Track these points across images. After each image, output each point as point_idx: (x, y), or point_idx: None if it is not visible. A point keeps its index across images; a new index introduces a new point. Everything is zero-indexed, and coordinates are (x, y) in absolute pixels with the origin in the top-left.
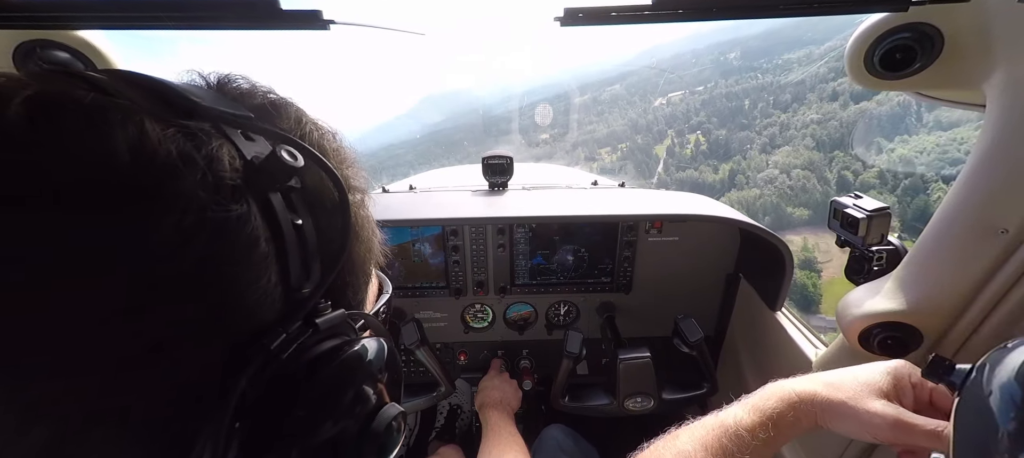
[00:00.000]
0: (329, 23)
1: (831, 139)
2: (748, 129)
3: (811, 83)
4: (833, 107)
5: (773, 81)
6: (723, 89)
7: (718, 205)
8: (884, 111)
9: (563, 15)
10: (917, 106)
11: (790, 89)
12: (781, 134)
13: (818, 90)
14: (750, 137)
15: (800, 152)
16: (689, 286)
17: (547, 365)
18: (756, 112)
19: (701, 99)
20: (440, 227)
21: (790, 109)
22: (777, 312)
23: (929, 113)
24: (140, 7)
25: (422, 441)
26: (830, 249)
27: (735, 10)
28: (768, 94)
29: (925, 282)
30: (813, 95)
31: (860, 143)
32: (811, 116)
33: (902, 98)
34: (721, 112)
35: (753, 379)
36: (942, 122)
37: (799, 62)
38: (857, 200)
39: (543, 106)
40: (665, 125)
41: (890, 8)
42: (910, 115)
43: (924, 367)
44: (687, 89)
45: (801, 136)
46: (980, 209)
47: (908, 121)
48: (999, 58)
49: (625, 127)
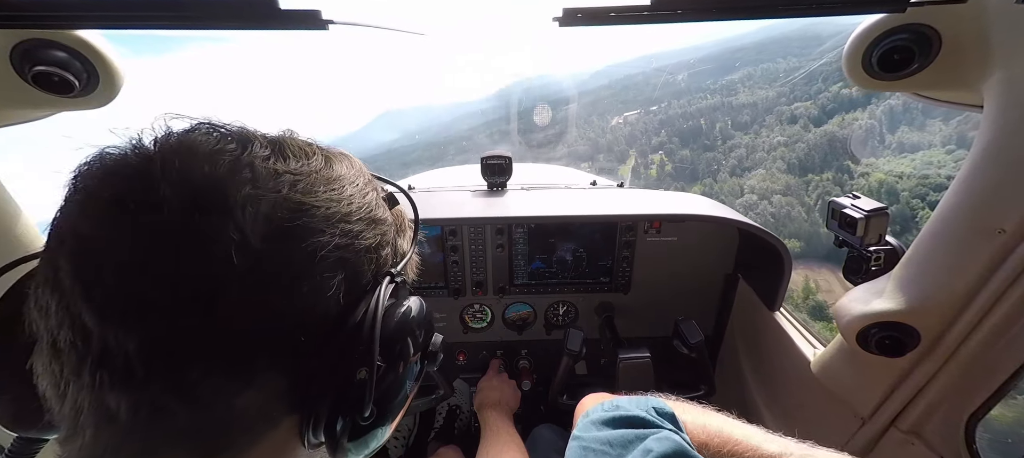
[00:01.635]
0: (328, 23)
1: (802, 163)
2: (712, 150)
3: (766, 105)
4: (796, 129)
5: (723, 102)
6: (678, 109)
7: (716, 205)
8: (848, 134)
9: (562, 15)
10: (880, 128)
11: (747, 110)
12: (749, 157)
13: (777, 112)
14: (716, 158)
15: (776, 176)
16: (688, 286)
17: (546, 365)
18: (716, 132)
19: (658, 119)
20: (439, 227)
21: (751, 130)
22: (776, 312)
23: (892, 135)
24: (139, 7)
25: (421, 441)
26: (833, 286)
27: (733, 11)
28: (722, 114)
29: (923, 282)
30: (772, 117)
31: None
32: (777, 138)
33: (869, 122)
34: (681, 132)
35: (752, 378)
36: (905, 144)
37: (742, 82)
38: (855, 200)
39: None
40: (626, 145)
41: (888, 9)
42: (873, 138)
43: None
44: (642, 109)
45: (772, 159)
46: (977, 209)
47: (871, 143)
48: (997, 59)
49: (587, 148)
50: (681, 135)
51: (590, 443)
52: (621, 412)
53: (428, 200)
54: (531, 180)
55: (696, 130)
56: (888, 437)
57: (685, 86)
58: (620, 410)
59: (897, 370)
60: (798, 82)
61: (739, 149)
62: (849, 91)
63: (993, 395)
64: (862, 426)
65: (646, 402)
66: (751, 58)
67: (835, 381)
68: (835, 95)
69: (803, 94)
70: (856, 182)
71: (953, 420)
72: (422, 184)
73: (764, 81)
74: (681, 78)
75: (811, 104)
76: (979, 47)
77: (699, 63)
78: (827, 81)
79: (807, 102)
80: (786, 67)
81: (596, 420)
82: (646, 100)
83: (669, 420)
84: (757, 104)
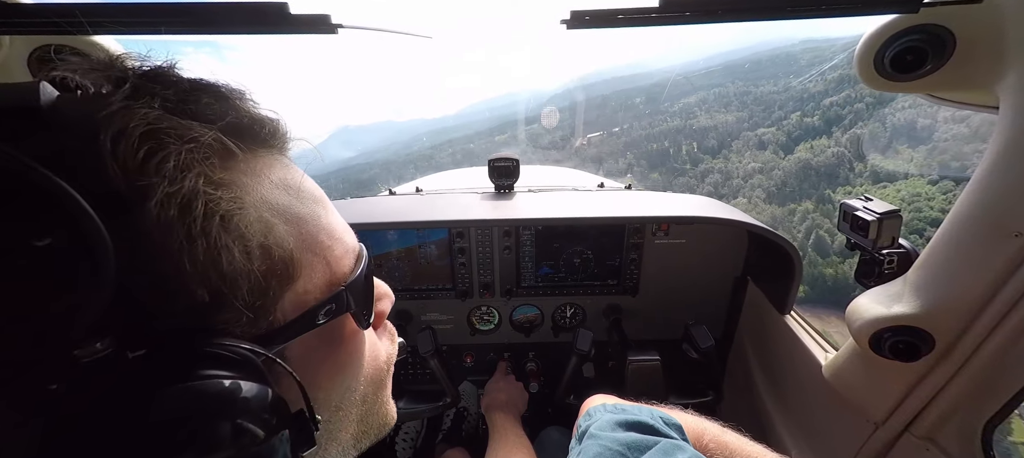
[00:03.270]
0: (337, 27)
1: (781, 191)
2: (683, 175)
3: (727, 128)
4: (768, 156)
5: (685, 124)
6: (640, 131)
7: (725, 207)
8: (821, 161)
9: (570, 17)
10: (850, 157)
11: (712, 134)
12: (725, 183)
13: (744, 137)
14: (689, 183)
15: (759, 206)
16: (696, 289)
17: (553, 368)
18: (684, 155)
19: (622, 141)
20: (446, 229)
21: (720, 155)
22: (786, 315)
23: (863, 162)
24: (153, 12)
25: (428, 444)
26: (845, 334)
27: (742, 12)
28: (685, 137)
29: (937, 285)
30: (739, 142)
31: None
32: (751, 165)
33: (837, 149)
34: (648, 155)
35: (762, 382)
36: (879, 173)
37: (698, 105)
38: (867, 202)
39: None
40: (594, 167)
41: (901, 9)
42: (843, 165)
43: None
44: (604, 131)
45: (750, 187)
46: (993, 212)
47: (842, 171)
48: (1012, 59)
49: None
50: (648, 157)
51: (609, 443)
52: (630, 416)
53: (435, 202)
54: (538, 182)
55: (663, 153)
56: (903, 442)
57: (644, 109)
58: (628, 414)
59: (911, 375)
60: (756, 110)
61: (714, 174)
62: (810, 119)
63: (1011, 401)
64: (875, 431)
65: (652, 410)
66: (702, 83)
67: (847, 386)
68: (798, 122)
69: (764, 119)
70: (833, 209)
71: (969, 426)
72: (430, 186)
73: (718, 105)
74: (639, 101)
75: (776, 130)
76: (994, 48)
77: (654, 88)
78: (784, 108)
79: (772, 128)
80: (735, 91)
81: (610, 421)
82: (608, 121)
83: (676, 431)
84: (718, 127)
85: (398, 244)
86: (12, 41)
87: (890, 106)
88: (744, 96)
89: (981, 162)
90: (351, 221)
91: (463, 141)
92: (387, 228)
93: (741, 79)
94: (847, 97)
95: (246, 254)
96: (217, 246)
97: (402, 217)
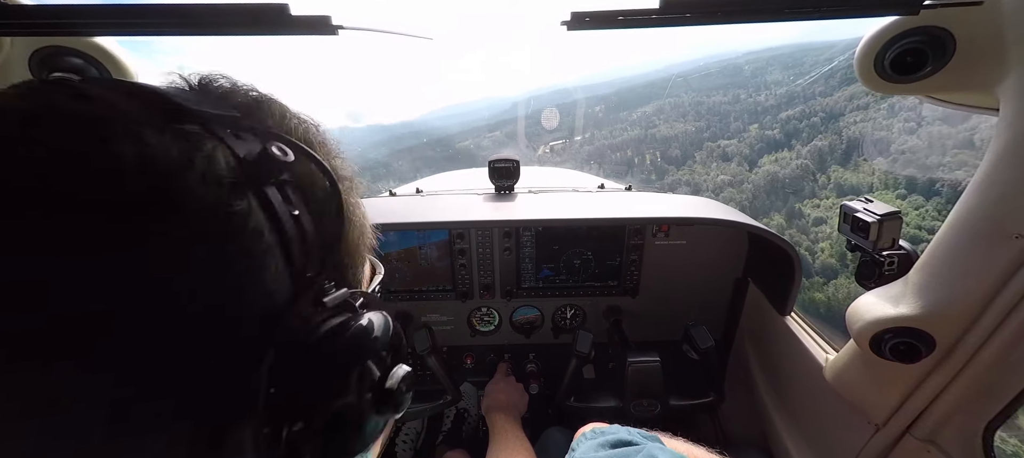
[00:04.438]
0: (338, 29)
1: (752, 204)
2: (651, 186)
3: (687, 138)
4: (734, 167)
5: (646, 134)
6: (603, 140)
7: (725, 208)
8: (787, 173)
9: (570, 19)
10: (814, 169)
11: (675, 144)
12: (695, 195)
13: (707, 148)
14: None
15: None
16: (697, 290)
17: (553, 369)
18: (648, 165)
19: (586, 150)
20: (447, 230)
21: (685, 166)
22: (787, 316)
23: (825, 174)
24: (154, 14)
25: (429, 445)
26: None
27: (743, 14)
28: (648, 146)
29: (938, 287)
30: (702, 153)
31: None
32: (721, 177)
33: (802, 161)
34: (613, 164)
35: (762, 383)
36: (843, 186)
37: (656, 115)
38: (867, 204)
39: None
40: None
41: (901, 11)
42: (808, 177)
43: None
44: (566, 138)
45: (722, 200)
46: (994, 214)
47: (807, 184)
48: (1013, 61)
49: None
50: (613, 166)
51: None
52: (612, 435)
53: (435, 203)
54: (539, 183)
55: (627, 162)
56: (903, 444)
57: (604, 117)
58: (609, 435)
59: (912, 376)
60: (713, 120)
61: (682, 187)
62: (771, 132)
63: (1011, 402)
64: (876, 433)
65: (630, 429)
66: (654, 92)
67: (848, 387)
68: (761, 136)
69: (723, 131)
70: (807, 223)
71: (970, 428)
72: (430, 187)
73: (675, 114)
74: (599, 109)
75: (739, 142)
76: (994, 49)
77: (614, 95)
78: (740, 119)
79: (734, 140)
80: (690, 101)
81: (595, 444)
82: (568, 129)
83: (655, 440)
84: (678, 137)
85: (398, 245)
86: (13, 43)
87: (843, 120)
88: (698, 106)
89: (982, 164)
90: None
91: (422, 149)
92: (387, 229)
93: (694, 90)
94: (802, 112)
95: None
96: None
97: (402, 218)
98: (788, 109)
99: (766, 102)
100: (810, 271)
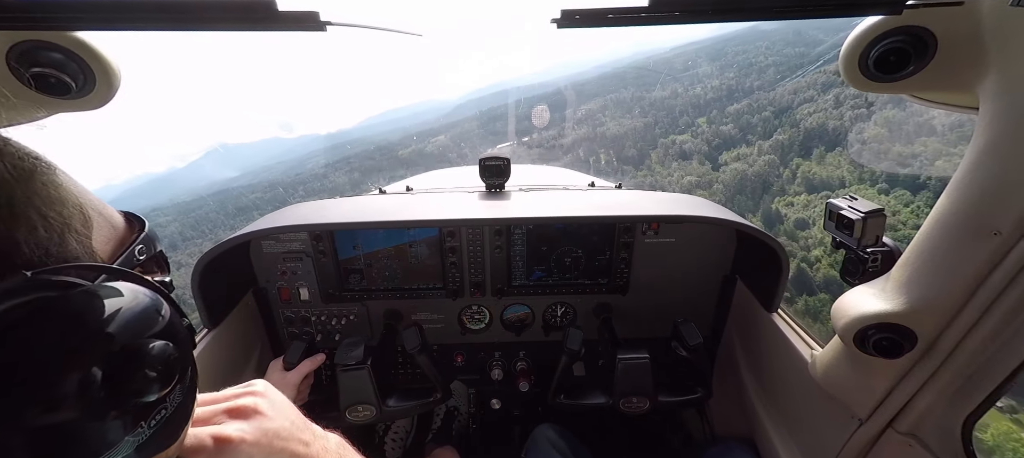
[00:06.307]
0: (326, 25)
1: (728, 205)
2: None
3: (637, 135)
4: (695, 166)
5: (595, 132)
6: (551, 140)
7: (714, 206)
8: (755, 171)
9: (560, 17)
10: (781, 166)
11: (629, 142)
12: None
13: (662, 145)
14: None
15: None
16: (686, 287)
17: (544, 367)
18: (602, 166)
19: (536, 152)
20: (437, 228)
21: (644, 166)
22: (773, 313)
23: (790, 170)
24: (137, 8)
25: (418, 444)
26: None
27: (731, 13)
28: (599, 146)
29: (919, 284)
30: (657, 151)
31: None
32: (688, 178)
33: (770, 157)
34: (567, 167)
35: (749, 379)
36: (813, 182)
37: (601, 111)
38: (852, 202)
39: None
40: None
41: (884, 11)
42: (773, 171)
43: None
44: (515, 141)
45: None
46: (973, 211)
47: (775, 181)
48: (992, 61)
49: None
50: (568, 167)
51: None
52: None
53: (426, 201)
54: (529, 182)
55: (582, 163)
56: (885, 438)
57: (553, 117)
58: None
59: (894, 371)
60: (660, 115)
61: (642, 188)
62: (727, 128)
63: (989, 397)
64: (859, 427)
65: None
66: (596, 89)
67: (833, 382)
68: (716, 131)
69: (672, 127)
70: (790, 226)
71: (950, 421)
72: (420, 185)
73: (620, 110)
74: (541, 109)
75: (693, 137)
76: (974, 49)
77: (554, 95)
78: (686, 114)
79: (684, 135)
80: (630, 96)
81: None
82: (517, 130)
83: None
84: (629, 134)
85: (388, 243)
86: None
87: (799, 110)
88: (641, 101)
89: (962, 162)
90: (340, 220)
91: (361, 158)
92: (377, 227)
93: (632, 85)
94: (749, 106)
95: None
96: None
97: (392, 216)
98: (733, 103)
99: (705, 96)
100: (812, 287)
